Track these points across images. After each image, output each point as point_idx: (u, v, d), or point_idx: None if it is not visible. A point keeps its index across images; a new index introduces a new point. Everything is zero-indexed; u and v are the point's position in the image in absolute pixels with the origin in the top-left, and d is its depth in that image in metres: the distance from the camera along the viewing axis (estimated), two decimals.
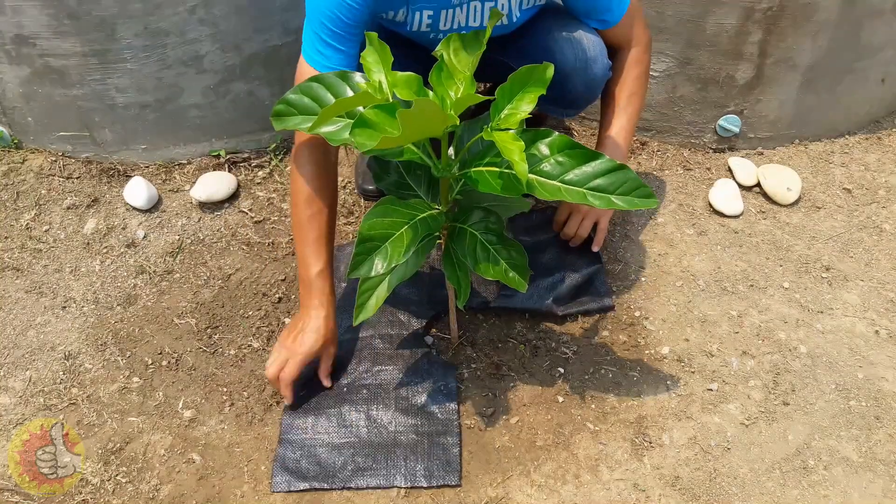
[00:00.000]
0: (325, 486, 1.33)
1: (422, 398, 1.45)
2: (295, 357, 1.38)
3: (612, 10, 1.47)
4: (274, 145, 2.00)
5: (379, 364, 1.51)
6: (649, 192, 1.11)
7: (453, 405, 1.44)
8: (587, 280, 1.62)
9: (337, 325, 1.44)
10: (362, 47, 1.19)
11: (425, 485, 1.32)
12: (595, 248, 1.63)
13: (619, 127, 1.54)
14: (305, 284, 1.40)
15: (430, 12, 1.38)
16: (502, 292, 1.61)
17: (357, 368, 1.50)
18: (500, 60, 1.61)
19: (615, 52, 1.55)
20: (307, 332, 1.39)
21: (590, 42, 1.50)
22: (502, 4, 1.40)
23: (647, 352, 1.54)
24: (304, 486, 1.33)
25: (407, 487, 1.33)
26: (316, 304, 1.39)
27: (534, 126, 1.29)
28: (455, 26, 1.42)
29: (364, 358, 1.52)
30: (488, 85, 1.91)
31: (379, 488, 1.33)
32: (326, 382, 1.46)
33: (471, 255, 1.24)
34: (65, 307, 1.67)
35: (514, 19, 1.45)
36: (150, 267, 1.75)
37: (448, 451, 1.37)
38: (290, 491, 1.33)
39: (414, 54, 1.48)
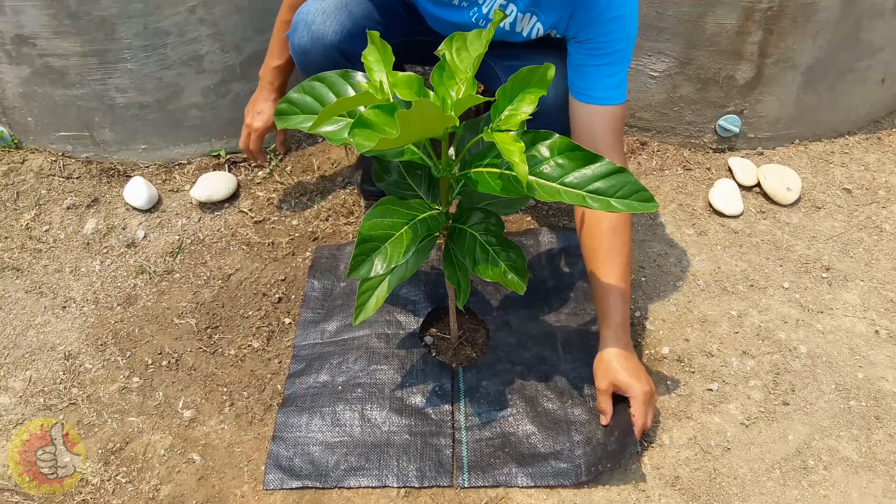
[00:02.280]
0: (318, 485, 1.33)
1: (416, 398, 1.45)
2: (255, 133, 1.75)
3: (610, 89, 1.36)
4: (274, 145, 2.00)
5: (375, 363, 1.51)
6: (649, 196, 1.11)
7: (448, 406, 1.44)
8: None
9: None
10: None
11: (417, 485, 1.33)
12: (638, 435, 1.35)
13: (624, 305, 1.38)
14: (265, 70, 1.71)
15: None
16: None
17: (352, 367, 1.51)
18: (493, 69, 1.61)
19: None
20: (261, 112, 1.73)
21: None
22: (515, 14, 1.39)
23: (647, 352, 1.54)
24: (296, 484, 1.34)
25: (398, 487, 1.33)
26: (269, 90, 1.71)
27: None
28: None
29: (360, 357, 1.52)
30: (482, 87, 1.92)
31: (370, 488, 1.33)
32: (281, 149, 1.93)
33: (470, 256, 1.24)
34: (65, 307, 1.67)
35: (525, 35, 1.43)
36: (150, 267, 1.75)
37: (441, 453, 1.37)
38: (282, 489, 1.33)
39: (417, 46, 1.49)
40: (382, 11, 1.53)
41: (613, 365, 1.34)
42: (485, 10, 1.40)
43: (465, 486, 1.33)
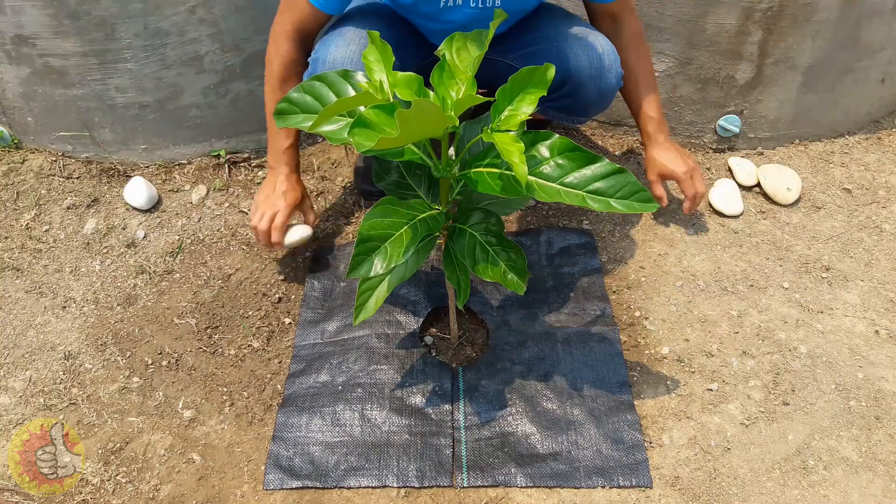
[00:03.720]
0: (318, 484, 1.34)
1: (416, 398, 1.45)
2: (282, 210, 1.61)
3: None
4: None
5: (375, 363, 1.51)
6: (649, 197, 1.11)
7: (448, 406, 1.44)
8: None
9: (305, 190, 1.68)
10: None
11: (417, 485, 1.33)
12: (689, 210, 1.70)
13: (657, 103, 1.66)
14: (275, 155, 1.62)
15: None
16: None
17: (352, 367, 1.51)
18: (506, 64, 1.62)
19: (611, 20, 1.59)
20: (287, 192, 1.62)
21: (604, 49, 1.51)
22: None
23: (647, 352, 1.54)
24: (296, 484, 1.34)
25: (398, 487, 1.33)
26: (286, 171, 1.62)
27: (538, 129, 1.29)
28: None
29: (360, 357, 1.52)
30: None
31: (370, 488, 1.33)
32: (312, 222, 1.69)
33: (470, 256, 1.24)
34: (65, 307, 1.67)
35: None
36: (150, 267, 1.75)
37: (441, 452, 1.37)
38: (282, 489, 1.33)
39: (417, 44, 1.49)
40: (398, 46, 1.52)
41: (657, 159, 1.67)
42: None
43: (465, 485, 1.33)
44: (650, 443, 1.39)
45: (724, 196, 1.83)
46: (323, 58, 1.47)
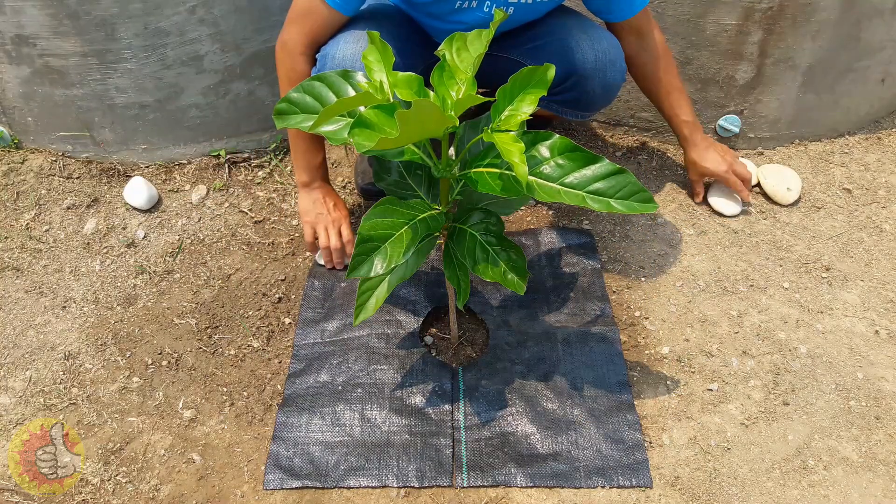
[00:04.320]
0: (318, 484, 1.34)
1: (416, 398, 1.45)
2: (344, 221, 1.66)
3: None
4: (274, 145, 2.01)
5: (375, 363, 1.51)
6: (649, 197, 1.11)
7: (448, 406, 1.44)
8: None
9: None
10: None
11: (416, 485, 1.33)
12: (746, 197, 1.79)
13: (690, 107, 1.72)
14: (310, 172, 1.64)
15: None
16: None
17: (352, 367, 1.51)
18: (514, 60, 1.62)
19: (637, 35, 1.60)
20: (337, 203, 1.68)
21: (608, 43, 1.52)
22: None
23: (647, 352, 1.54)
24: (296, 484, 1.34)
25: (398, 487, 1.33)
26: (326, 186, 1.67)
27: (541, 128, 1.29)
28: None
29: (360, 357, 1.52)
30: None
31: (370, 488, 1.33)
32: (351, 239, 1.66)
33: (470, 256, 1.24)
34: (65, 307, 1.67)
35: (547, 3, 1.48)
36: (150, 267, 1.75)
37: (441, 453, 1.37)
38: (282, 489, 1.33)
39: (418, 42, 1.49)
40: (404, 46, 1.52)
41: (698, 162, 1.76)
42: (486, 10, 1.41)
43: (464, 485, 1.33)
44: (650, 443, 1.39)
45: (724, 196, 1.83)
46: (332, 54, 1.45)
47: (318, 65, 1.49)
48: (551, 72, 1.10)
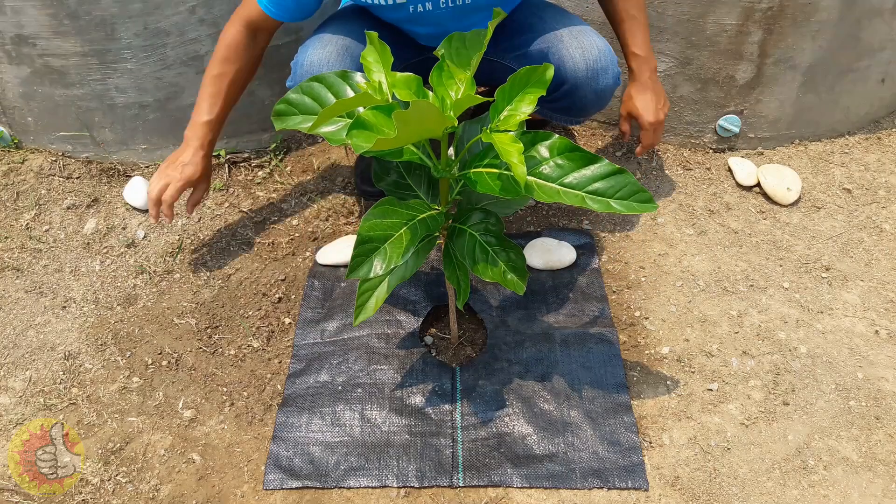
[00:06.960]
0: (318, 485, 1.34)
1: (416, 398, 1.46)
2: (175, 182, 1.57)
3: None
4: (274, 145, 2.01)
5: (374, 363, 1.51)
6: (648, 197, 1.11)
7: (448, 406, 1.44)
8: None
9: (212, 169, 1.67)
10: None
11: (416, 485, 1.33)
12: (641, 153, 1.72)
13: (643, 40, 1.61)
14: (193, 127, 1.58)
15: None
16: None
17: (352, 367, 1.51)
18: (503, 64, 1.62)
19: None
20: (187, 165, 1.58)
21: (600, 49, 1.52)
22: None
23: (647, 352, 1.54)
24: (296, 484, 1.34)
25: (398, 487, 1.33)
26: (196, 145, 1.58)
27: (539, 129, 1.29)
28: None
29: (360, 357, 1.52)
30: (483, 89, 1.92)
31: (370, 488, 1.33)
32: (190, 211, 1.66)
33: (469, 256, 1.24)
34: (65, 307, 1.67)
35: None
36: (150, 267, 1.75)
37: (441, 453, 1.37)
38: (282, 489, 1.34)
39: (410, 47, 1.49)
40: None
41: (632, 98, 1.63)
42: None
43: (461, 485, 1.33)
44: (650, 443, 1.39)
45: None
46: (301, 61, 1.52)
47: (290, 74, 1.56)
48: (550, 72, 1.10)
